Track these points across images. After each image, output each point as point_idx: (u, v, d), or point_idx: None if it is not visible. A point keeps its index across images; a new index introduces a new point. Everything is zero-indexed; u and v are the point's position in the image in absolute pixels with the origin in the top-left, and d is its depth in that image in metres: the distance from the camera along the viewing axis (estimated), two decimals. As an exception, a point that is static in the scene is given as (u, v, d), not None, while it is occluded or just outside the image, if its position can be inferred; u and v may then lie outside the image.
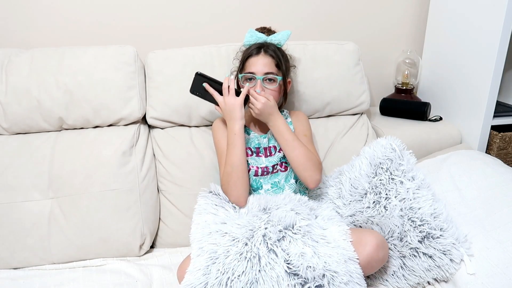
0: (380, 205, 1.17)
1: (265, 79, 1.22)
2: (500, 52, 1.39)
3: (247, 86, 1.18)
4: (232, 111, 1.16)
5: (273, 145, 1.27)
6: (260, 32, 1.28)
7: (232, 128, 1.17)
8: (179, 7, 1.56)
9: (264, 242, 1.00)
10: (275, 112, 1.20)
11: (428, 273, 1.09)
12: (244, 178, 1.16)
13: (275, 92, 1.23)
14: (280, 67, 1.23)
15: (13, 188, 1.24)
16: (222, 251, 0.98)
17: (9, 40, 1.47)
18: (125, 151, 1.31)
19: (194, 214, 1.16)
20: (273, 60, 1.22)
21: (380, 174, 1.20)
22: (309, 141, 1.27)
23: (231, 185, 1.16)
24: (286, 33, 1.27)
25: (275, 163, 1.25)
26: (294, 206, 1.13)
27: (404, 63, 1.77)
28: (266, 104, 1.17)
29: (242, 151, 1.16)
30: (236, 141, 1.16)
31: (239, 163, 1.15)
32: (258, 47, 1.23)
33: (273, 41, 1.26)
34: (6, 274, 1.18)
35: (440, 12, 1.65)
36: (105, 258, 1.25)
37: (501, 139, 1.53)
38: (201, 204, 1.18)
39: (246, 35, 1.27)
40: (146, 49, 1.44)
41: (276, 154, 1.26)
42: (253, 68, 1.21)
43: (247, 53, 1.24)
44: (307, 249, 1.00)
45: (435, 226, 1.10)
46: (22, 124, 1.31)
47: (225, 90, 1.17)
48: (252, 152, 1.26)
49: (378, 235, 1.08)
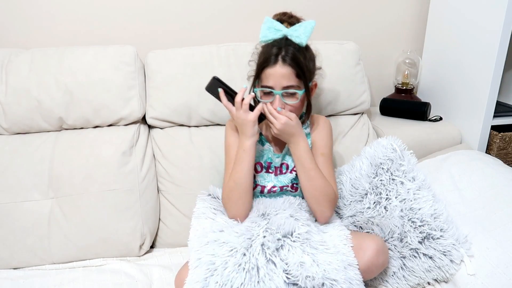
0: (380, 205, 1.17)
1: (285, 94, 1.07)
2: (500, 52, 1.39)
3: (261, 104, 1.06)
4: (243, 127, 1.06)
5: (286, 162, 1.17)
6: (278, 22, 1.10)
7: (242, 143, 1.07)
8: (179, 7, 1.56)
9: (262, 252, 0.97)
10: (296, 132, 1.07)
11: (428, 273, 1.09)
12: (246, 197, 1.09)
13: (296, 107, 1.08)
14: (301, 77, 1.06)
15: (13, 188, 1.23)
16: (220, 263, 0.95)
17: (9, 40, 1.47)
18: (125, 151, 1.31)
19: (193, 218, 1.14)
20: (293, 71, 1.04)
21: (380, 175, 1.20)
22: (326, 162, 1.14)
23: (232, 203, 1.10)
24: (309, 25, 1.06)
25: (285, 185, 1.17)
26: (294, 212, 1.09)
27: (404, 63, 1.77)
28: (287, 124, 1.04)
29: (249, 168, 1.08)
30: (244, 158, 1.07)
31: (243, 181, 1.08)
32: (275, 54, 1.05)
33: (293, 38, 1.06)
34: (6, 274, 1.18)
35: (440, 12, 1.64)
36: (105, 258, 1.25)
37: (501, 139, 1.53)
38: (199, 208, 1.16)
39: (262, 26, 1.09)
40: (146, 49, 1.44)
41: (288, 175, 1.16)
42: (271, 81, 1.06)
43: (263, 62, 1.07)
44: (306, 257, 0.97)
45: (435, 226, 1.10)
46: (22, 124, 1.31)
47: (238, 104, 1.05)
48: (262, 168, 1.17)
49: (378, 240, 1.06)
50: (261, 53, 1.11)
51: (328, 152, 1.16)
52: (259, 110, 1.05)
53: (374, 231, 1.16)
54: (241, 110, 1.05)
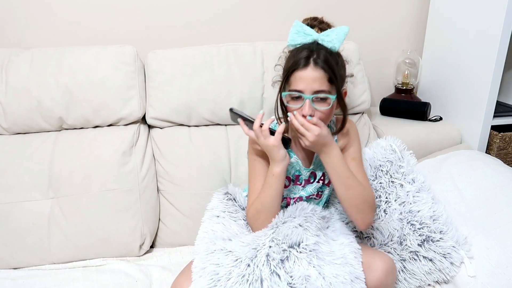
0: (380, 209, 1.17)
1: (315, 99, 1.00)
2: (500, 52, 1.39)
3: (282, 125, 0.99)
4: (269, 153, 1.01)
5: (314, 172, 1.13)
6: (309, 27, 1.04)
7: (271, 169, 1.02)
8: (179, 7, 1.56)
9: (267, 263, 0.94)
10: (328, 142, 1.00)
11: (429, 276, 1.09)
12: (272, 217, 1.05)
13: (327, 114, 1.02)
14: (334, 81, 0.99)
15: (13, 188, 1.23)
16: (224, 273, 0.93)
17: (9, 40, 1.47)
18: (125, 151, 1.31)
19: (205, 216, 1.12)
20: (325, 74, 0.98)
21: (380, 177, 1.19)
22: (358, 166, 1.09)
23: (258, 224, 1.05)
24: (342, 31, 1.00)
25: (311, 194, 1.13)
26: (304, 220, 1.04)
27: (404, 63, 1.76)
28: (320, 135, 0.97)
29: (278, 194, 1.03)
30: (273, 183, 1.02)
31: (271, 205, 1.03)
32: (306, 56, 0.99)
33: (325, 43, 1.01)
34: (6, 274, 1.18)
35: (440, 12, 1.64)
36: (105, 258, 1.25)
37: (501, 139, 1.53)
38: (213, 208, 1.13)
39: (291, 30, 1.03)
40: (146, 49, 1.44)
41: (314, 184, 1.13)
42: (301, 84, 0.98)
43: (293, 64, 1.00)
44: (312, 270, 0.95)
45: (434, 229, 1.10)
46: (22, 124, 1.31)
47: (257, 131, 1.00)
48: (290, 181, 1.12)
49: (388, 259, 1.02)
50: (289, 57, 1.04)
51: (359, 155, 1.12)
52: (280, 133, 0.98)
53: (373, 235, 1.15)
54: (262, 136, 0.99)
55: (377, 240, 1.15)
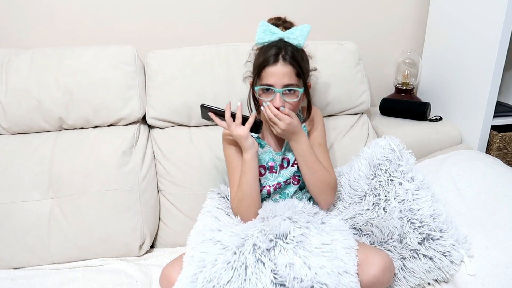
0: (379, 207, 1.17)
1: (285, 92, 1.09)
2: (500, 52, 1.39)
3: (253, 114, 1.09)
4: (239, 141, 1.09)
5: (287, 157, 1.20)
6: (274, 26, 1.13)
7: (243, 157, 1.10)
8: (179, 7, 1.56)
9: (253, 252, 0.98)
10: (298, 130, 1.11)
11: (429, 274, 1.09)
12: (255, 204, 1.12)
13: (295, 105, 1.12)
14: (301, 75, 1.10)
15: (13, 188, 1.24)
16: (210, 260, 0.97)
17: (9, 40, 1.47)
18: (125, 151, 1.31)
19: (200, 214, 1.17)
20: (293, 69, 1.08)
21: (379, 176, 1.20)
22: (324, 152, 1.20)
23: (243, 212, 1.12)
24: (305, 29, 1.11)
25: (287, 178, 1.20)
26: (293, 214, 1.09)
27: (404, 63, 1.77)
28: (291, 124, 1.08)
29: (253, 179, 1.11)
30: (247, 170, 1.10)
31: (250, 191, 1.11)
32: (275, 53, 1.08)
33: (291, 40, 1.11)
34: (6, 274, 1.18)
35: (440, 12, 1.64)
36: (105, 258, 1.26)
37: (501, 139, 1.53)
38: (207, 205, 1.18)
39: (258, 30, 1.12)
40: (146, 49, 1.44)
41: (290, 168, 1.20)
42: (271, 79, 1.08)
43: (263, 61, 1.09)
44: (297, 259, 0.97)
45: (434, 227, 1.10)
46: (22, 124, 1.31)
47: (228, 121, 1.08)
48: (265, 170, 1.19)
49: (386, 256, 1.04)
50: (259, 54, 1.13)
51: (324, 141, 1.23)
52: (250, 123, 1.07)
53: (373, 233, 1.16)
54: (233, 125, 1.08)
55: (377, 238, 1.15)
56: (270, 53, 1.09)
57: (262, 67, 1.10)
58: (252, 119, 1.07)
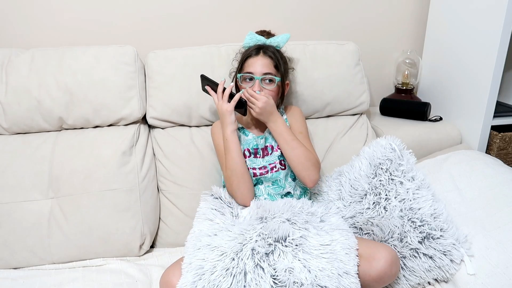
0: (380, 206, 1.17)
1: (264, 80, 1.23)
2: (500, 52, 1.39)
3: (240, 93, 1.19)
4: (223, 116, 1.19)
5: (270, 144, 1.27)
6: (259, 35, 1.30)
7: (224, 133, 1.20)
8: (179, 7, 1.56)
9: (252, 257, 0.98)
10: (274, 111, 1.21)
11: (429, 273, 1.09)
12: (245, 180, 1.19)
13: (273, 92, 1.24)
14: (278, 68, 1.25)
15: (13, 188, 1.24)
16: (209, 267, 0.97)
17: (9, 40, 1.47)
18: (125, 151, 1.31)
19: (195, 219, 1.17)
20: (272, 61, 1.24)
21: (379, 175, 1.20)
22: (305, 138, 1.28)
23: (234, 188, 1.19)
24: (285, 36, 1.30)
25: (272, 162, 1.25)
26: (292, 215, 1.10)
27: (404, 63, 1.77)
28: (267, 103, 1.18)
29: (237, 154, 1.19)
30: (229, 146, 1.19)
31: (236, 167, 1.18)
32: (257, 48, 1.26)
33: (272, 43, 1.28)
34: (6, 274, 1.18)
35: (440, 12, 1.64)
36: (105, 258, 1.26)
37: (501, 139, 1.53)
38: (201, 208, 1.19)
39: (246, 37, 1.29)
40: (146, 49, 1.44)
41: (273, 153, 1.26)
42: (252, 68, 1.23)
43: (246, 53, 1.26)
44: (296, 263, 0.98)
45: (435, 226, 1.10)
46: (22, 124, 1.31)
47: (219, 95, 1.20)
48: (250, 153, 1.26)
49: (391, 250, 1.05)
50: (244, 51, 1.29)
51: (305, 130, 1.31)
52: (235, 100, 1.17)
53: (374, 232, 1.16)
54: (221, 100, 1.19)
55: (377, 236, 1.15)
56: (253, 48, 1.26)
57: (245, 58, 1.26)
58: (237, 97, 1.17)
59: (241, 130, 1.29)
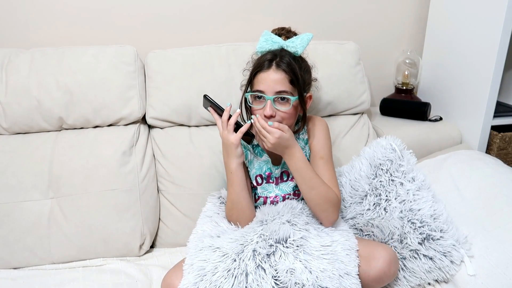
0: (380, 207, 1.17)
1: (277, 99, 1.05)
2: (500, 52, 1.39)
3: (248, 122, 1.04)
4: (227, 148, 1.06)
5: (286, 171, 1.16)
6: (276, 35, 1.11)
7: (229, 165, 1.07)
8: (179, 6, 1.56)
9: (253, 258, 0.97)
10: (291, 144, 1.04)
11: (429, 274, 1.09)
12: (246, 213, 1.11)
13: (288, 115, 1.06)
14: (295, 83, 1.05)
15: (13, 188, 1.23)
16: (210, 268, 0.97)
17: (9, 40, 1.47)
18: (125, 151, 1.31)
19: (199, 219, 1.17)
20: (287, 76, 1.04)
21: (380, 176, 1.20)
22: (326, 164, 1.12)
23: (234, 219, 1.12)
24: (306, 37, 1.08)
25: (287, 193, 1.17)
26: (292, 217, 1.09)
27: (404, 63, 1.76)
28: (281, 138, 1.01)
29: (241, 188, 1.08)
30: (233, 179, 1.08)
31: (238, 201, 1.10)
32: (269, 59, 1.05)
33: (289, 48, 1.08)
34: (6, 274, 1.18)
35: (440, 12, 1.64)
36: (105, 258, 1.25)
37: (501, 139, 1.53)
38: (207, 210, 1.18)
39: (260, 39, 1.10)
40: (146, 49, 1.44)
41: (289, 183, 1.17)
42: (262, 85, 1.04)
43: (256, 66, 1.07)
44: (298, 264, 0.97)
45: (435, 227, 1.10)
46: (22, 124, 1.31)
47: (224, 123, 1.04)
48: (262, 179, 1.16)
49: (390, 250, 1.05)
50: (255, 61, 1.11)
51: (328, 153, 1.14)
52: (242, 132, 1.03)
53: (374, 233, 1.16)
54: (226, 130, 1.04)
55: (377, 238, 1.15)
56: (264, 59, 1.06)
57: (254, 73, 1.07)
58: (245, 128, 1.03)
59: (255, 149, 1.16)
